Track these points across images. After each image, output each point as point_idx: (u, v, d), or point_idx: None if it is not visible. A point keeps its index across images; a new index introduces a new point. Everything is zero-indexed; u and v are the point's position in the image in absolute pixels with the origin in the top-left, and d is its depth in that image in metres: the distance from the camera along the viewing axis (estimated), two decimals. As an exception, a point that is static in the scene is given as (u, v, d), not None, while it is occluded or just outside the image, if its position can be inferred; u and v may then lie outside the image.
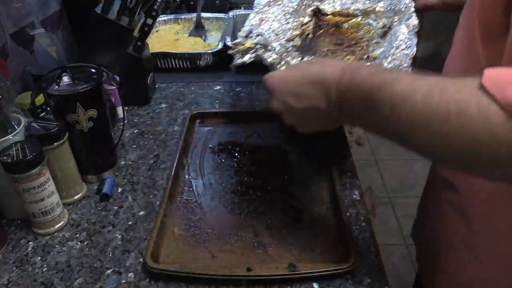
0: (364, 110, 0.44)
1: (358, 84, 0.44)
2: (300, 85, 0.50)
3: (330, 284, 0.57)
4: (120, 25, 0.77)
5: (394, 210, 1.98)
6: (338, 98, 0.46)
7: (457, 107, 0.35)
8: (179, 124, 0.92)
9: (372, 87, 0.42)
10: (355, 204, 0.70)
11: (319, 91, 0.48)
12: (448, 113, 0.36)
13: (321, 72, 0.48)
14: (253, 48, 0.67)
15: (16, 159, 0.58)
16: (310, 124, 0.54)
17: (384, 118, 0.41)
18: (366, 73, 0.44)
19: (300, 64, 0.57)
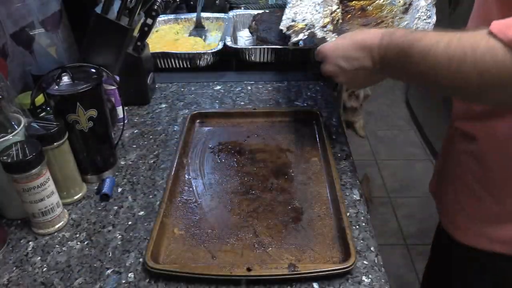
0: (400, 63, 0.57)
1: (394, 44, 0.57)
2: (349, 51, 0.63)
3: (330, 284, 0.57)
4: (120, 25, 0.77)
5: (394, 210, 1.98)
6: (380, 57, 0.60)
7: (471, 48, 0.47)
8: (179, 124, 0.92)
9: (405, 45, 0.54)
10: (355, 204, 0.70)
11: (365, 53, 0.61)
12: (464, 54, 0.48)
13: (365, 38, 0.61)
14: (305, 28, 0.83)
15: (16, 159, 0.58)
16: (358, 81, 0.69)
17: (416, 66, 0.54)
18: (400, 35, 0.56)
19: (346, 34, 0.67)
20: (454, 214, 0.76)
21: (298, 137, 0.86)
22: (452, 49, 0.49)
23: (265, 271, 0.57)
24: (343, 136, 0.87)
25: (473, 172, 0.70)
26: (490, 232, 0.70)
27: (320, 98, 1.00)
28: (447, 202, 0.79)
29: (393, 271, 1.66)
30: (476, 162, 0.69)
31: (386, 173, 2.22)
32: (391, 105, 2.83)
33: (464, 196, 0.73)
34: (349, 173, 0.76)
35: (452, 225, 0.77)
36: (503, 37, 0.45)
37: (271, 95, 1.02)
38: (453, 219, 0.77)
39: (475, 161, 0.70)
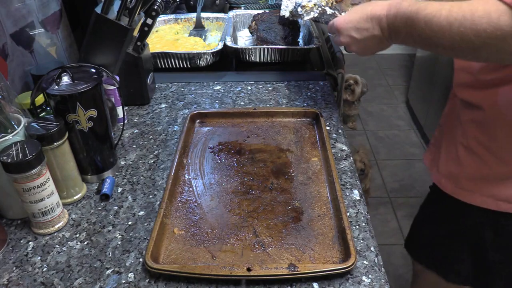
0: (407, 30, 0.64)
1: (402, 14, 0.63)
2: (360, 22, 0.71)
3: (330, 284, 0.57)
4: (120, 25, 0.77)
5: (394, 210, 1.98)
6: (388, 26, 0.67)
7: (470, 11, 0.54)
8: (179, 124, 0.92)
9: (412, 14, 0.61)
10: (355, 204, 0.70)
11: (374, 24, 0.69)
12: (463, 17, 0.55)
13: (374, 10, 0.69)
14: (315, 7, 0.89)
15: (16, 159, 0.58)
16: (370, 49, 0.74)
17: (421, 31, 0.61)
18: (407, 5, 0.63)
19: (356, 8, 0.73)
20: (457, 177, 0.82)
21: (298, 137, 0.86)
22: (454, 14, 0.56)
23: (265, 271, 0.57)
24: (343, 136, 0.87)
25: (477, 138, 0.76)
26: (496, 192, 0.76)
27: (320, 98, 1.00)
28: (449, 166, 0.84)
29: (393, 271, 1.66)
30: (481, 129, 0.76)
31: (386, 173, 2.22)
32: (391, 105, 2.83)
33: (468, 159, 0.79)
34: (349, 173, 0.76)
35: (457, 188, 0.83)
36: None
37: (271, 95, 1.02)
38: (457, 182, 0.82)
39: (479, 128, 0.76)
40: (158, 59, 1.11)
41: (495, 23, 0.53)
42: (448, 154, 0.85)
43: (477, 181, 0.79)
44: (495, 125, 0.74)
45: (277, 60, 1.15)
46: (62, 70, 0.69)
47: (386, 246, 1.75)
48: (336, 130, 0.88)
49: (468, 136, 0.79)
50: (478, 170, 0.78)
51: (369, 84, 2.53)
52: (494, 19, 0.52)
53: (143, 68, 0.94)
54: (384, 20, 0.68)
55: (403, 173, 2.20)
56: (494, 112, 0.73)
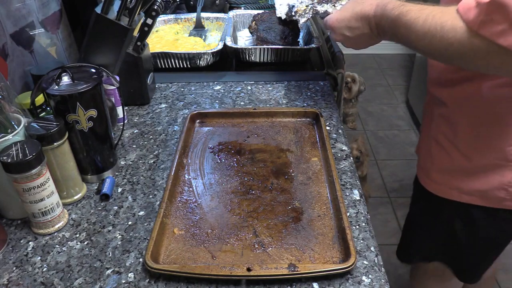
0: (392, 32, 0.69)
1: (386, 16, 0.68)
2: (350, 21, 0.75)
3: (330, 284, 0.57)
4: (120, 25, 0.77)
5: (394, 210, 1.98)
6: (376, 25, 0.72)
7: (441, 25, 0.59)
8: (179, 124, 0.92)
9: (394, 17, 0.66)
10: (355, 204, 0.70)
11: (364, 23, 0.74)
12: (435, 30, 0.60)
13: (363, 10, 0.73)
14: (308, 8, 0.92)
15: (16, 159, 0.58)
16: (362, 44, 0.79)
17: (402, 35, 0.66)
18: (391, 8, 0.67)
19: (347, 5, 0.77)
20: (429, 169, 0.89)
21: (298, 137, 0.86)
22: (428, 25, 0.60)
23: (265, 271, 0.57)
24: (343, 136, 0.87)
25: (444, 132, 0.84)
26: (460, 184, 0.83)
27: (320, 98, 1.00)
28: (424, 159, 0.92)
29: (393, 271, 1.66)
30: (447, 123, 0.83)
31: (386, 173, 2.22)
32: (391, 105, 2.83)
33: (437, 153, 0.86)
34: (349, 173, 0.76)
35: (428, 180, 0.90)
36: (465, 18, 0.56)
37: (271, 95, 1.02)
38: (427, 174, 0.90)
39: (446, 122, 0.83)
40: (158, 59, 1.11)
41: (459, 39, 0.57)
42: (424, 147, 0.92)
43: (444, 173, 0.86)
44: (457, 121, 0.80)
45: (277, 60, 1.15)
46: (62, 70, 0.69)
47: (386, 246, 1.75)
48: (336, 130, 0.88)
49: (438, 130, 0.85)
50: (445, 163, 0.85)
51: (369, 84, 2.53)
52: (459, 36, 0.57)
53: (143, 68, 0.94)
54: (372, 20, 0.72)
55: (403, 173, 2.20)
56: (456, 109, 0.79)
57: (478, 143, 0.78)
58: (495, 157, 0.77)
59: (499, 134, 0.75)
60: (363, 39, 0.77)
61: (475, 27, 0.55)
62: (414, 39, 0.64)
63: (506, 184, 0.78)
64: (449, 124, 0.82)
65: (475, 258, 0.96)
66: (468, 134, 0.79)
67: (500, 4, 0.52)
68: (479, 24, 0.54)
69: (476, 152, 0.79)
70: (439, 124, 0.85)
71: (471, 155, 0.80)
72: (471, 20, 0.55)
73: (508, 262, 1.70)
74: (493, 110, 0.74)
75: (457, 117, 0.80)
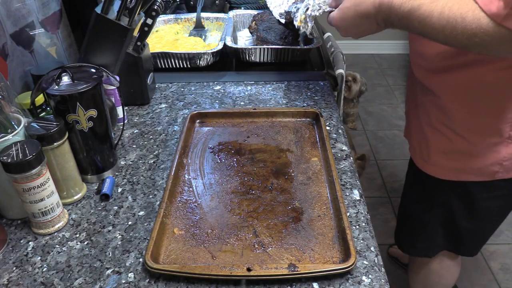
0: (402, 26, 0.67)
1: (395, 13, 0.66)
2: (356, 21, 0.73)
3: (330, 284, 0.57)
4: (120, 25, 0.77)
5: (394, 210, 1.98)
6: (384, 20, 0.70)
7: (461, 17, 0.58)
8: (179, 124, 0.92)
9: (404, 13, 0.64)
10: (355, 204, 0.70)
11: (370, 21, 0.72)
12: (455, 21, 0.58)
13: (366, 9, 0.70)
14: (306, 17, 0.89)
15: (16, 159, 0.58)
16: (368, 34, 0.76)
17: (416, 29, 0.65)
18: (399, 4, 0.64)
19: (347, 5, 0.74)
20: (426, 153, 0.91)
21: (298, 137, 0.86)
22: (445, 18, 0.59)
23: (265, 271, 0.57)
24: (343, 136, 0.87)
25: (437, 116, 0.86)
26: (458, 165, 0.87)
27: (320, 98, 1.00)
28: (419, 143, 0.94)
29: (393, 271, 1.66)
30: (439, 109, 0.85)
31: (386, 173, 2.21)
32: (391, 105, 2.83)
33: (433, 136, 0.88)
34: (349, 173, 0.76)
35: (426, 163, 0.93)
36: (487, 10, 0.56)
37: (271, 95, 1.02)
38: (426, 157, 0.92)
39: (437, 108, 0.85)
40: (158, 59, 1.11)
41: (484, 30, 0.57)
42: (416, 131, 0.94)
43: (443, 156, 0.89)
44: (451, 108, 0.82)
45: (277, 60, 1.15)
46: (62, 70, 0.69)
47: (386, 246, 1.75)
48: (336, 130, 0.88)
49: (430, 114, 0.87)
50: (443, 146, 0.87)
51: (369, 84, 2.53)
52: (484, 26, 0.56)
53: (143, 68, 0.94)
54: (379, 17, 0.70)
55: (403, 173, 2.18)
56: (448, 97, 0.82)
57: (474, 125, 0.82)
58: (492, 135, 0.81)
59: (494, 114, 0.79)
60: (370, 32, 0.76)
61: (499, 19, 0.55)
62: (431, 32, 0.63)
63: (501, 159, 0.83)
64: (441, 109, 0.85)
65: (473, 232, 1.00)
66: (463, 117, 0.82)
67: None
68: (504, 17, 0.55)
69: (474, 133, 0.83)
70: (429, 111, 0.88)
71: (469, 137, 0.83)
72: (494, 12, 0.55)
73: (508, 262, 1.70)
74: (488, 93, 0.77)
75: (450, 103, 0.82)
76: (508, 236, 1.81)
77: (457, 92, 0.81)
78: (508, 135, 0.80)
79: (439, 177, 0.92)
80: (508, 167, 0.84)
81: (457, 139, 0.85)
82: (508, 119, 0.79)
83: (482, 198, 0.91)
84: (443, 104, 0.84)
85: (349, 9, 0.74)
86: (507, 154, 0.82)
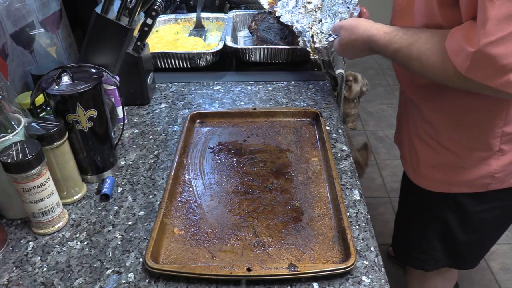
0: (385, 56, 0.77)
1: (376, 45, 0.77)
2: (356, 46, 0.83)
3: (330, 284, 0.57)
4: (120, 25, 0.77)
5: (394, 210, 1.98)
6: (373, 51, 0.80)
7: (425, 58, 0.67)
8: (179, 124, 0.92)
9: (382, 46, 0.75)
10: (355, 204, 0.70)
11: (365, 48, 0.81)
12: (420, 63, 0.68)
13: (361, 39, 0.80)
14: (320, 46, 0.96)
15: (16, 159, 0.58)
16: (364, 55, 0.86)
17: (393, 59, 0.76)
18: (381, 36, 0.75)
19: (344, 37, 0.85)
20: (416, 165, 0.92)
21: (298, 137, 0.86)
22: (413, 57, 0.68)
23: (265, 271, 0.57)
24: (343, 136, 0.87)
25: (424, 129, 0.87)
26: (448, 177, 0.86)
27: (320, 98, 1.00)
28: (409, 154, 0.94)
29: (393, 271, 1.66)
30: (425, 122, 0.86)
31: (386, 173, 2.21)
32: (391, 105, 2.83)
33: (422, 148, 0.89)
34: (349, 173, 0.76)
35: (416, 175, 0.93)
36: (453, 60, 0.61)
37: (271, 95, 1.02)
38: (417, 170, 0.92)
39: (423, 121, 0.86)
40: (158, 59, 1.11)
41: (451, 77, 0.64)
42: (406, 141, 0.95)
43: (432, 168, 0.88)
44: (435, 122, 0.83)
45: (277, 60, 1.15)
46: (62, 70, 0.69)
47: (386, 246, 1.75)
48: (336, 130, 0.88)
49: (417, 125, 0.89)
50: (432, 159, 0.87)
51: (369, 84, 2.53)
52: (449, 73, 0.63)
53: (143, 68, 0.94)
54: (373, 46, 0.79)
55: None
56: (433, 109, 0.83)
57: (462, 139, 0.81)
58: (480, 149, 0.80)
59: (482, 128, 0.78)
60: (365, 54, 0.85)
61: (462, 71, 0.60)
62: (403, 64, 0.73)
63: (492, 172, 0.81)
64: (426, 121, 0.85)
65: (471, 246, 0.98)
66: (449, 131, 0.82)
67: (486, 55, 0.56)
68: (466, 69, 0.59)
69: (461, 146, 0.81)
70: (416, 122, 0.88)
71: (457, 150, 0.82)
72: (458, 64, 0.60)
73: (508, 262, 1.70)
74: (474, 107, 0.76)
75: (434, 116, 0.83)
76: (508, 236, 1.81)
77: (441, 106, 0.80)
78: (498, 148, 0.79)
79: (430, 189, 0.90)
80: (501, 178, 0.82)
81: (444, 152, 0.84)
82: (496, 133, 0.77)
83: (476, 211, 0.88)
84: (428, 117, 0.84)
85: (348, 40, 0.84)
86: (498, 167, 0.80)
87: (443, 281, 1.15)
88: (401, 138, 1.00)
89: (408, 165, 0.95)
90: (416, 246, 1.04)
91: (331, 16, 0.96)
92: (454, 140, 0.82)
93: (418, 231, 1.01)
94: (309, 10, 1.01)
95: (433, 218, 0.95)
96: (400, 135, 1.00)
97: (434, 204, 0.93)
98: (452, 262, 1.03)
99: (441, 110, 0.81)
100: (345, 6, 0.94)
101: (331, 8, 0.97)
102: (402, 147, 0.99)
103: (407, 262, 1.14)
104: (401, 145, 1.00)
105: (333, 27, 0.91)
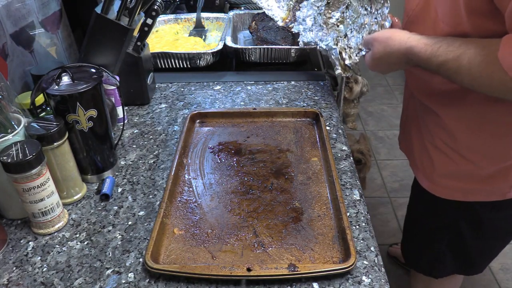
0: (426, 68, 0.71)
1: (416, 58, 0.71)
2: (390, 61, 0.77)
3: (330, 284, 0.57)
4: (120, 25, 0.77)
5: (394, 210, 1.98)
6: (412, 63, 0.74)
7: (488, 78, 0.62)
8: (179, 124, 0.92)
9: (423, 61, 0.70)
10: (355, 204, 0.70)
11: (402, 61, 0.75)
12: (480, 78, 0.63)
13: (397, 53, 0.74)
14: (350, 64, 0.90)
15: (16, 159, 0.58)
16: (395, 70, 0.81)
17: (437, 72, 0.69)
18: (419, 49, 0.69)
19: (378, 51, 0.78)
20: (431, 173, 0.88)
21: (298, 137, 0.86)
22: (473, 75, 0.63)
23: (265, 271, 0.57)
24: (343, 136, 0.87)
25: (441, 138, 0.83)
26: (465, 186, 0.84)
27: (320, 98, 1.00)
28: (423, 163, 0.91)
29: (393, 271, 1.66)
30: (443, 131, 0.82)
31: (386, 173, 2.21)
32: (391, 105, 2.83)
33: (438, 157, 0.86)
34: (349, 173, 0.76)
35: (431, 184, 0.89)
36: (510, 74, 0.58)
37: (271, 95, 1.02)
38: (431, 178, 0.89)
39: (441, 130, 0.83)
40: (158, 59, 1.11)
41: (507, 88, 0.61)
42: (420, 150, 0.91)
43: (449, 178, 0.86)
44: (454, 129, 0.80)
45: (277, 60, 1.15)
46: (62, 70, 0.69)
47: (386, 246, 1.75)
48: (336, 130, 0.88)
49: (433, 134, 0.85)
50: (449, 168, 0.84)
51: (369, 84, 2.53)
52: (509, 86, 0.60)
53: (143, 68, 0.94)
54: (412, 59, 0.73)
55: (403, 173, 2.20)
56: (451, 118, 0.80)
57: (481, 147, 0.79)
58: (501, 159, 0.79)
59: (503, 138, 0.77)
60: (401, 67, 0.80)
61: None
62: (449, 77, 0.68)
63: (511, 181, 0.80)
64: (444, 130, 0.82)
65: (482, 252, 0.97)
66: (469, 140, 0.79)
67: None
68: None
69: (480, 156, 0.79)
70: (431, 129, 0.85)
71: (476, 160, 0.80)
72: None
73: (508, 262, 1.70)
74: (496, 115, 0.75)
75: (454, 125, 0.80)
76: (508, 236, 1.81)
77: (462, 113, 0.78)
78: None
79: (444, 197, 0.88)
80: None
81: (461, 160, 0.81)
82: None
83: (491, 218, 0.87)
84: (446, 125, 0.81)
85: (381, 54, 0.78)
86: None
87: (448, 286, 1.14)
88: (410, 146, 0.96)
89: (420, 172, 0.93)
90: (426, 253, 1.02)
91: (357, 29, 0.89)
92: (473, 149, 0.79)
93: (428, 238, 1.00)
94: (331, 25, 0.95)
95: (445, 225, 0.93)
96: (410, 143, 0.96)
97: (447, 211, 0.91)
98: (461, 268, 1.02)
99: (461, 118, 0.78)
100: (372, 17, 0.86)
101: (355, 21, 0.90)
102: (412, 155, 0.95)
103: (416, 268, 1.12)
104: (410, 153, 0.96)
105: (365, 40, 0.83)
